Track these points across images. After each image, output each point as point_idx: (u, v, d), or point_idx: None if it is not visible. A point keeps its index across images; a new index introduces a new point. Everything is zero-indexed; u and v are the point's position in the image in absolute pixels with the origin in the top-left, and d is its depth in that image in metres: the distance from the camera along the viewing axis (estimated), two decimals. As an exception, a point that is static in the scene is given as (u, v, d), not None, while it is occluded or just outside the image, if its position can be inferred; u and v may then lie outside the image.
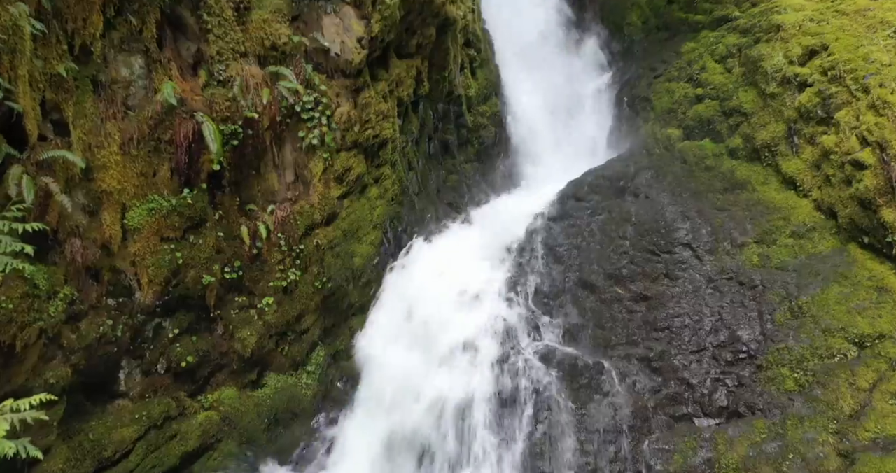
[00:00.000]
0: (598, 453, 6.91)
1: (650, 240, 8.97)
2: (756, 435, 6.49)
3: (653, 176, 10.27)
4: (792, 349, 6.97)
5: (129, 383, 5.99)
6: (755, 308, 7.67)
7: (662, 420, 7.19)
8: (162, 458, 5.81)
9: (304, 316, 7.17)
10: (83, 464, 5.35)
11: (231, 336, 6.62)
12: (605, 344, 8.07)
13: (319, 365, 7.35)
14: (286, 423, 6.86)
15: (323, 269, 7.21)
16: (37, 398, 3.40)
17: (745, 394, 6.99)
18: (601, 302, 8.57)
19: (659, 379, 7.53)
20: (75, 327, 5.42)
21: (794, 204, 8.57)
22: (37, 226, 4.34)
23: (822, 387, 6.52)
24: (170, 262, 5.97)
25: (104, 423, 5.66)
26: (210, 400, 6.41)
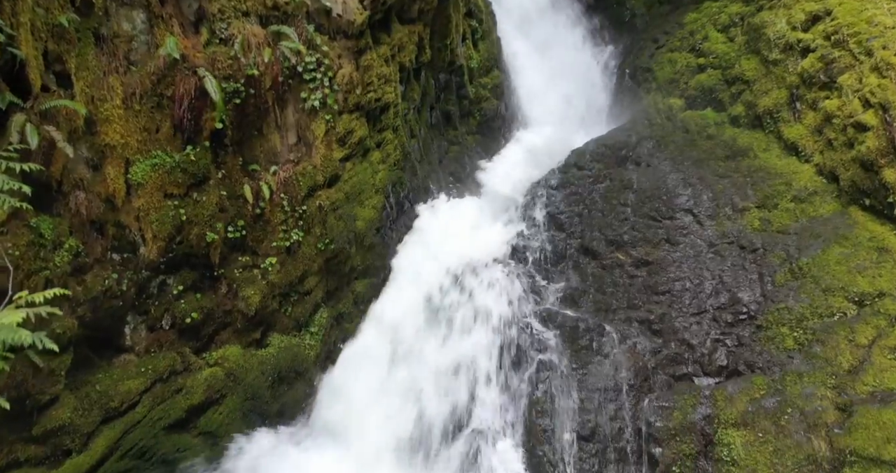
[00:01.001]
0: (598, 411, 6.99)
1: (651, 207, 8.99)
2: (755, 391, 6.55)
3: (654, 145, 10.27)
4: (792, 309, 7.01)
5: (134, 338, 6.04)
6: (756, 270, 7.71)
7: (662, 380, 7.26)
8: (168, 410, 5.88)
9: (307, 277, 7.21)
10: (90, 414, 5.41)
11: (235, 295, 6.66)
12: (605, 309, 8.13)
13: (322, 327, 7.40)
14: (290, 382, 6.92)
15: (325, 231, 7.24)
16: (50, 292, 3.43)
17: (744, 353, 7.05)
18: (602, 268, 8.62)
19: (659, 340, 7.59)
20: (81, 279, 5.46)
21: (795, 169, 8.58)
22: (34, 165, 4.35)
23: (822, 345, 6.57)
24: (173, 218, 5.99)
25: (110, 376, 5.72)
26: (215, 357, 6.47)
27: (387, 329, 7.40)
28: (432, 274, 8.01)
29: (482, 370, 7.39)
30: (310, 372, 7.15)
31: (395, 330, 7.45)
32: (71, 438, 5.28)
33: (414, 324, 7.60)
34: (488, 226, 9.21)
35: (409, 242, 8.37)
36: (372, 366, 7.19)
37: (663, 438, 6.66)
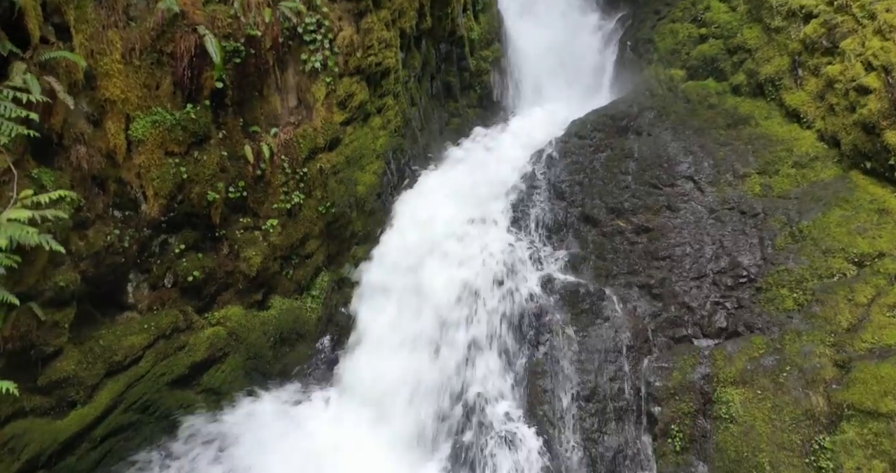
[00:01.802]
0: (597, 371, 7.03)
1: (652, 174, 8.99)
2: (754, 351, 6.59)
3: (655, 115, 10.24)
4: (792, 270, 7.03)
5: (137, 295, 6.07)
6: (756, 234, 7.72)
7: (662, 342, 7.31)
8: (171, 366, 5.92)
9: (308, 240, 7.23)
10: (94, 367, 5.45)
11: (236, 256, 6.68)
12: (606, 274, 8.16)
13: (324, 290, 7.44)
14: (291, 343, 6.97)
15: (326, 194, 7.24)
16: (55, 193, 3.45)
17: (744, 315, 7.08)
18: (603, 236, 8.63)
19: (659, 304, 7.63)
20: (83, 234, 5.48)
21: (797, 135, 8.56)
22: (40, 97, 4.34)
23: (821, 305, 6.60)
24: (174, 176, 5.99)
25: (113, 332, 5.75)
26: (217, 317, 6.51)
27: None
28: (433, 236, 8.03)
29: (482, 333, 7.43)
30: (311, 335, 7.19)
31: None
32: (76, 390, 5.33)
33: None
34: (487, 194, 9.20)
35: (409, 206, 8.36)
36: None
37: (662, 397, 6.71)
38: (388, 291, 7.30)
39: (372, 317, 7.34)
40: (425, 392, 7.01)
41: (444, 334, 7.28)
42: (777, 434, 6.03)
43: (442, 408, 6.94)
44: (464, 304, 7.60)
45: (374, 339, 7.21)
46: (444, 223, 8.29)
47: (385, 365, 7.02)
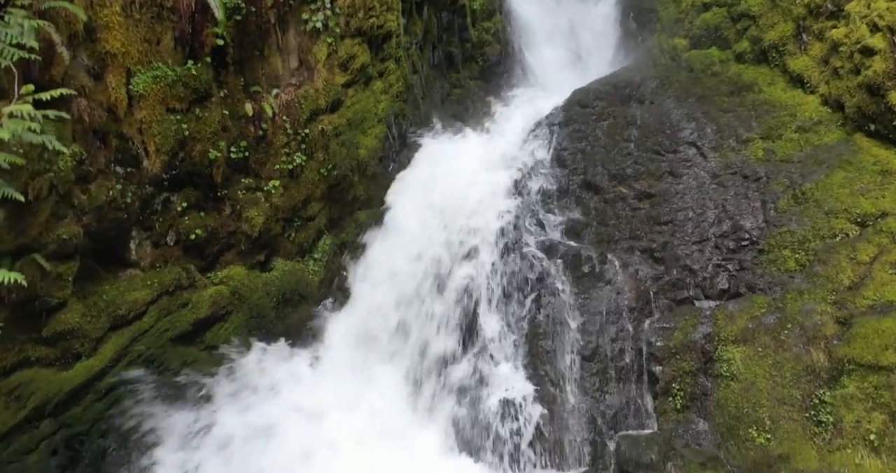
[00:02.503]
0: (599, 333, 7.06)
1: (655, 141, 8.96)
2: (756, 310, 6.61)
3: (658, 84, 10.18)
4: (794, 232, 7.03)
5: (139, 253, 6.08)
6: (759, 198, 7.71)
7: (664, 304, 7.32)
8: (175, 322, 5.94)
9: (310, 202, 7.22)
10: (99, 320, 5.47)
11: (238, 216, 6.68)
12: (607, 239, 8.16)
13: (326, 253, 7.45)
14: (294, 305, 6.99)
15: (328, 156, 7.22)
16: (57, 92, 3.44)
17: (746, 276, 7.09)
18: (605, 202, 8.62)
19: (661, 267, 7.64)
20: (85, 188, 5.47)
21: (800, 101, 8.52)
22: (35, 42, 4.32)
23: (823, 264, 6.60)
24: (176, 133, 5.97)
25: (117, 287, 5.77)
26: (219, 277, 6.52)
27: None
28: (434, 203, 8.03)
29: (484, 296, 7.45)
30: (314, 297, 7.21)
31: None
32: (80, 342, 5.35)
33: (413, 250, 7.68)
34: (491, 162, 9.18)
35: (410, 172, 8.35)
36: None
37: (664, 357, 6.74)
38: (392, 251, 7.32)
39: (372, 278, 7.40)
40: (427, 351, 7.06)
41: (444, 294, 7.31)
42: (777, 390, 6.06)
43: (443, 369, 6.99)
44: (466, 267, 7.63)
45: (373, 300, 7.25)
46: (447, 188, 8.30)
47: (384, 323, 7.08)
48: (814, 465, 5.56)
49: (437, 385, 6.80)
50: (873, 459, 5.37)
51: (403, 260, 7.53)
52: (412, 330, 7.17)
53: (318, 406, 6.18)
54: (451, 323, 7.24)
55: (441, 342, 7.12)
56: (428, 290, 7.43)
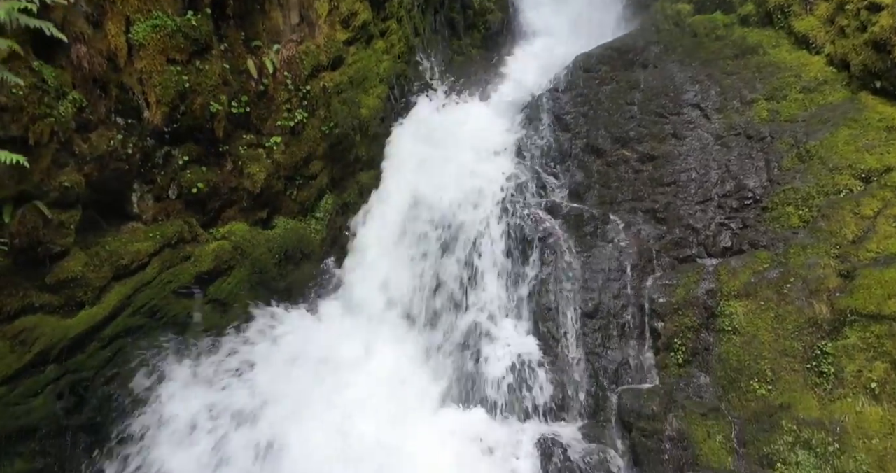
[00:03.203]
0: (601, 290, 7.07)
1: (658, 104, 8.89)
2: (758, 265, 6.61)
3: (662, 49, 10.09)
4: (798, 189, 7.01)
5: (141, 206, 6.06)
6: (762, 158, 7.67)
7: (666, 262, 7.33)
8: (177, 275, 5.94)
9: (311, 160, 7.19)
10: (102, 269, 5.47)
11: (240, 172, 6.65)
12: (610, 201, 8.14)
13: (328, 212, 7.44)
14: (296, 262, 6.99)
15: (330, 114, 7.18)
16: None
17: (749, 234, 7.08)
18: (607, 165, 8.60)
19: (664, 227, 7.63)
20: (86, 137, 5.44)
21: (805, 62, 8.44)
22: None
23: (827, 220, 6.58)
24: (176, 84, 5.92)
25: (119, 239, 5.76)
26: (222, 232, 6.50)
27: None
28: (436, 163, 8.01)
29: (487, 254, 7.44)
30: (316, 255, 7.21)
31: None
32: (84, 291, 5.36)
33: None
34: (494, 126, 9.14)
35: (412, 134, 8.31)
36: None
37: (666, 313, 6.76)
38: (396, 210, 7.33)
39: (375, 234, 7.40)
40: (430, 309, 7.08)
41: (446, 253, 7.31)
42: (779, 342, 6.07)
43: (446, 325, 7.01)
44: (468, 226, 7.62)
45: (375, 259, 7.27)
46: (449, 149, 8.28)
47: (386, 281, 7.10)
48: (814, 414, 5.59)
49: (441, 340, 6.83)
50: (874, 406, 5.40)
51: (405, 220, 7.53)
52: (415, 288, 7.18)
53: (322, 357, 6.20)
54: (453, 281, 7.25)
55: (444, 299, 7.14)
56: (430, 250, 7.43)
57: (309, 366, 6.05)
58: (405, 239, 7.34)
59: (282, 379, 5.67)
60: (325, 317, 6.73)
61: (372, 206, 7.78)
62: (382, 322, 6.92)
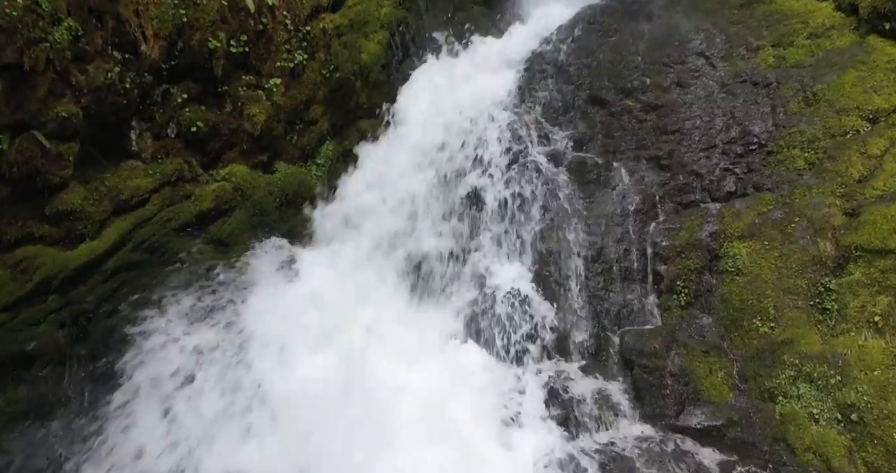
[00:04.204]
0: (604, 234, 7.04)
1: (662, 53, 8.76)
2: (763, 206, 6.56)
3: (666, 0, 9.93)
4: (804, 132, 6.93)
5: (140, 144, 6.00)
6: (768, 103, 7.57)
7: (670, 207, 7.28)
8: (178, 212, 5.90)
9: (312, 105, 7.11)
10: (101, 203, 5.43)
11: (240, 114, 6.58)
12: (613, 150, 8.06)
13: (329, 159, 7.38)
14: (297, 207, 6.95)
15: (330, 57, 7.07)
16: None
17: (753, 178, 7.02)
18: (611, 115, 8.50)
19: (667, 174, 7.56)
20: (83, 68, 5.35)
21: (812, 8, 8.29)
22: None
23: (833, 160, 6.52)
24: (174, 17, 5.82)
25: (119, 175, 5.71)
26: (222, 174, 6.45)
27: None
28: (437, 113, 7.92)
29: (489, 203, 7.40)
30: (316, 201, 7.17)
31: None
32: (83, 224, 5.32)
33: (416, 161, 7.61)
34: (495, 78, 9.03)
35: (413, 83, 8.20)
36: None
37: (669, 256, 6.73)
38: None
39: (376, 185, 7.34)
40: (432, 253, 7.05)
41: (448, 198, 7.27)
42: (783, 281, 6.05)
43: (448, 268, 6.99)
44: (471, 174, 7.56)
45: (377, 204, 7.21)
46: (449, 98, 8.18)
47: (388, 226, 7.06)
48: (817, 348, 5.59)
49: (443, 283, 6.82)
50: (876, 339, 5.39)
51: (407, 167, 7.47)
52: (418, 234, 7.15)
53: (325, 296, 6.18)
54: (455, 227, 7.21)
55: (446, 243, 7.12)
56: (431, 195, 7.38)
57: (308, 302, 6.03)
58: (404, 186, 7.28)
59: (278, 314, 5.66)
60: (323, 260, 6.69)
61: (371, 156, 7.70)
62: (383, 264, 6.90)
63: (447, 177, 7.33)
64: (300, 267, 6.28)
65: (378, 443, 4.60)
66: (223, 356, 5.31)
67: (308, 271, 6.24)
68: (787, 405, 5.44)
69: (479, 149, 7.68)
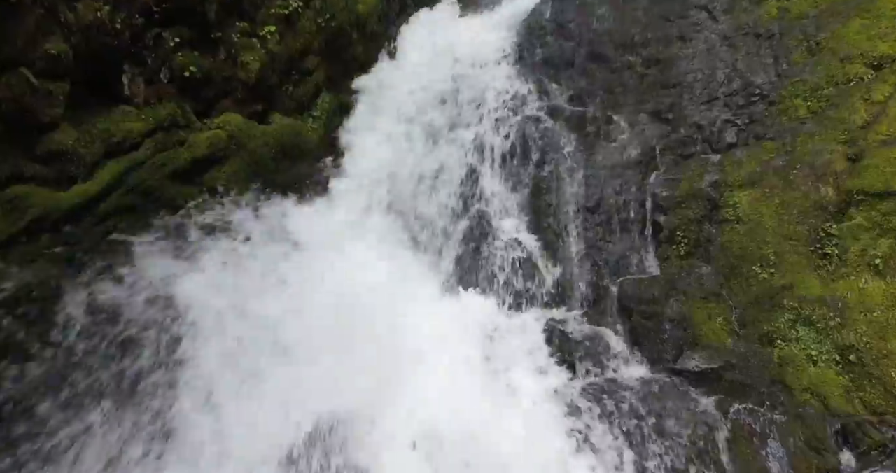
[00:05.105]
0: (603, 185, 6.97)
1: (664, 8, 8.59)
2: (764, 155, 6.48)
3: (669, -40, 9.76)
4: (807, 81, 6.81)
5: (133, 88, 5.90)
6: (771, 55, 7.44)
7: (670, 159, 7.19)
8: (172, 158, 5.82)
9: (307, 54, 7.00)
10: (93, 146, 5.35)
11: (234, 61, 6.47)
12: (613, 105, 7.95)
13: (325, 111, 7.29)
14: (293, 159, 6.88)
15: (325, 5, 6.96)
16: None
17: (755, 128, 6.92)
18: (611, 72, 8.37)
19: (668, 127, 7.47)
20: (72, 5, 5.22)
21: (817, -41, 8.17)
22: None
23: (836, 108, 6.42)
24: (164, -44, 5.71)
25: (111, 118, 5.61)
26: (217, 122, 6.36)
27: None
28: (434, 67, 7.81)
29: (487, 156, 7.32)
30: (313, 154, 7.10)
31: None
32: (75, 165, 5.25)
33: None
34: (494, 34, 8.88)
35: (409, 36, 8.08)
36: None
37: (669, 206, 6.67)
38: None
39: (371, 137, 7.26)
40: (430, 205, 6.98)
41: (445, 151, 7.19)
42: (783, 227, 5.99)
43: (446, 221, 6.93)
44: (469, 127, 7.47)
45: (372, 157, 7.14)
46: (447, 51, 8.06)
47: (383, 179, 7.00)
48: (816, 292, 5.55)
49: (441, 236, 6.76)
50: (877, 281, 5.35)
51: (403, 120, 7.38)
52: (415, 185, 7.08)
53: (321, 249, 6.13)
54: (453, 180, 7.14)
55: (443, 197, 7.05)
56: (428, 149, 7.31)
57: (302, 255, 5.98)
58: (400, 139, 7.20)
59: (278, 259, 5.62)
60: (321, 212, 6.63)
61: (368, 109, 7.60)
62: (380, 218, 6.85)
63: (444, 130, 7.22)
64: (293, 216, 6.21)
65: (380, 380, 4.59)
66: (215, 300, 5.25)
67: (301, 219, 6.17)
68: (786, 348, 5.42)
69: (478, 102, 7.59)
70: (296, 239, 5.97)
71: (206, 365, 4.84)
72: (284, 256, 5.70)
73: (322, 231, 6.24)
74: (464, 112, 7.49)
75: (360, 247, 6.23)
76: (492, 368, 5.30)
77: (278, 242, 5.80)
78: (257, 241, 5.87)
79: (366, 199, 6.84)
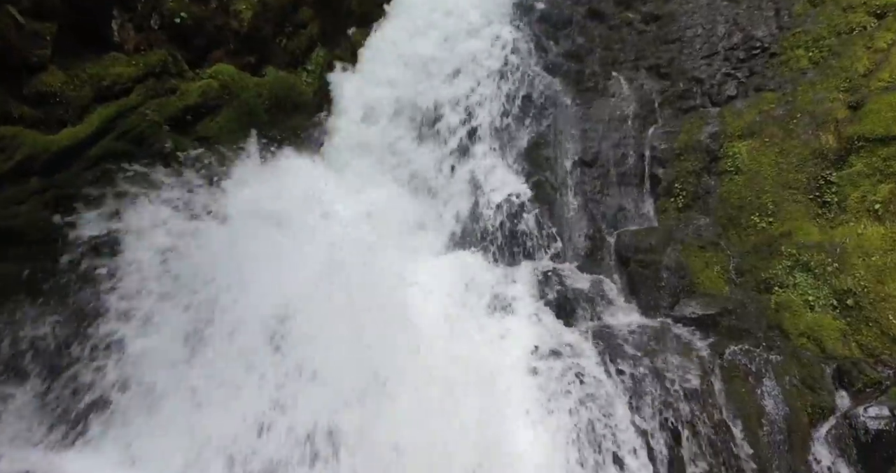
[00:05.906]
0: (601, 139, 6.89)
1: (665, -37, 8.49)
2: (764, 105, 6.41)
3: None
4: (808, 31, 6.71)
5: (122, 35, 5.78)
6: (772, 7, 7.31)
7: (669, 113, 7.11)
8: (163, 105, 5.72)
9: (300, 5, 6.88)
10: (82, 89, 5.26)
11: (225, 10, 6.34)
12: (612, 62, 7.83)
13: (319, 65, 7.17)
14: (287, 112, 6.77)
15: (319, -46, 6.81)
16: None
17: (756, 80, 6.83)
18: (610, 29, 8.24)
19: (667, 82, 7.36)
20: (57, -56, 5.14)
21: (822, -90, 8.00)
22: None
23: (838, 57, 6.33)
24: None
25: (100, 63, 5.51)
26: (209, 73, 6.25)
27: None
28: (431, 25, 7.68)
29: (485, 112, 7.22)
30: (307, 107, 7.00)
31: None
32: (64, 108, 5.16)
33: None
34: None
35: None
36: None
37: (667, 159, 6.61)
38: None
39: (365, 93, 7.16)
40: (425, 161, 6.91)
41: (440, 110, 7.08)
42: (782, 176, 5.94)
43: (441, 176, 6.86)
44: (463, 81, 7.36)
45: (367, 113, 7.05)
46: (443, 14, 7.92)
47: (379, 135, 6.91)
48: (815, 238, 5.52)
49: (437, 187, 6.70)
50: (876, 226, 5.32)
51: (398, 75, 7.27)
52: (413, 141, 6.99)
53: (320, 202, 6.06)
54: (448, 136, 7.05)
55: (439, 152, 6.97)
56: (424, 106, 7.20)
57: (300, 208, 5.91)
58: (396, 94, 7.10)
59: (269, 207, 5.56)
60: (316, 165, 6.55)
61: (363, 64, 7.49)
62: (377, 175, 6.77)
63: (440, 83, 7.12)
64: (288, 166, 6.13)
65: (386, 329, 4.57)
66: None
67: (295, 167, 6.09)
68: (783, 294, 5.39)
69: (473, 59, 7.47)
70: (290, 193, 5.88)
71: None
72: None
73: (317, 189, 6.15)
74: (458, 68, 7.36)
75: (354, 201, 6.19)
76: (485, 317, 5.28)
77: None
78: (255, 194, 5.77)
79: (361, 153, 6.76)
